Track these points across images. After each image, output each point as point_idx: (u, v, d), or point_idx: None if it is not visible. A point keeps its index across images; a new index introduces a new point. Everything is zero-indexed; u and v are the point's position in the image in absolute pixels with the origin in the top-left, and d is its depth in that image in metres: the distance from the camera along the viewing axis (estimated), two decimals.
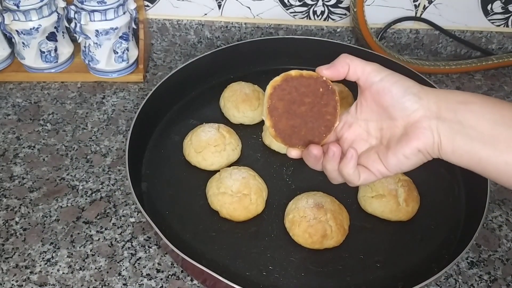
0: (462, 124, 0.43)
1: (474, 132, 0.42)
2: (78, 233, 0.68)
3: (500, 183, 0.44)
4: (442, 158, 0.46)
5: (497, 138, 0.42)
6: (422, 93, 0.45)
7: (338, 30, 1.00)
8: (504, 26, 1.01)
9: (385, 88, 0.46)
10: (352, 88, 0.77)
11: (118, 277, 0.63)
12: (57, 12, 0.87)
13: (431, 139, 0.44)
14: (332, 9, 0.98)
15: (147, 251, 0.66)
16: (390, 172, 0.48)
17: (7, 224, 0.68)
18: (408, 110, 0.45)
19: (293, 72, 0.48)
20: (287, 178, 0.75)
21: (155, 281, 0.63)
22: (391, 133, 0.48)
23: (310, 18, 0.99)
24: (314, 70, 0.49)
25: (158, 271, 0.64)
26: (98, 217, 0.70)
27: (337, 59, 0.49)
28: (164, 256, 0.66)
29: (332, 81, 0.49)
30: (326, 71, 0.49)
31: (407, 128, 0.46)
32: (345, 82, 0.50)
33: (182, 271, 0.64)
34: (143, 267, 0.64)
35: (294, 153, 0.52)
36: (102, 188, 0.74)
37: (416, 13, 0.98)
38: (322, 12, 0.98)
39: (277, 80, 0.48)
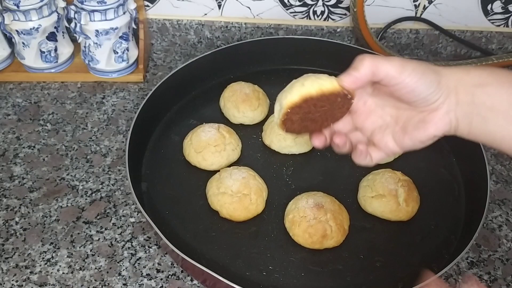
0: (479, 107, 0.44)
1: (490, 114, 0.44)
2: (78, 233, 0.68)
3: None
4: (457, 135, 0.47)
5: (511, 119, 0.43)
6: (443, 82, 0.45)
7: (338, 30, 1.00)
8: (504, 26, 1.01)
9: (408, 87, 0.45)
10: None
11: (118, 277, 0.63)
12: (57, 12, 0.87)
13: (449, 125, 0.46)
14: (332, 9, 0.98)
15: (147, 251, 0.66)
16: (401, 152, 0.50)
17: (7, 224, 0.68)
18: (430, 101, 0.46)
19: (313, 91, 0.46)
20: (287, 178, 0.75)
21: (155, 281, 0.63)
22: (408, 117, 0.48)
23: (310, 18, 0.99)
24: (314, 71, 0.49)
25: (158, 271, 0.64)
26: (98, 217, 0.70)
27: (360, 67, 0.46)
28: (164, 256, 0.66)
29: None
30: (350, 84, 0.46)
31: (426, 115, 0.46)
32: None
33: (182, 271, 0.64)
34: (143, 267, 0.64)
35: (317, 142, 0.52)
36: (102, 188, 0.74)
37: (416, 13, 0.98)
38: (322, 12, 0.98)
39: (295, 101, 0.47)
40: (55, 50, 0.89)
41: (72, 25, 0.85)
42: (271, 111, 0.84)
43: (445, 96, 0.45)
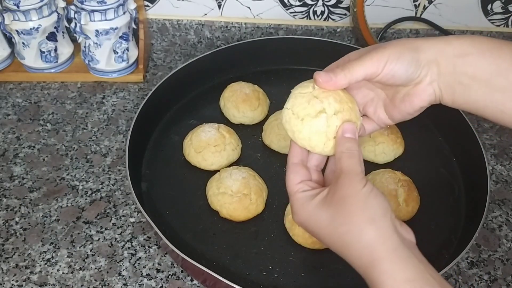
0: (461, 76, 0.45)
1: (473, 83, 0.44)
2: (78, 233, 0.68)
3: (498, 123, 0.47)
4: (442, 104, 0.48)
5: (493, 87, 0.44)
6: (422, 57, 0.45)
7: (338, 30, 1.00)
8: (504, 26, 1.01)
9: (388, 74, 0.45)
10: None
11: (118, 277, 0.63)
12: (57, 12, 0.87)
13: (433, 96, 0.46)
14: (332, 9, 0.98)
15: (147, 251, 0.66)
16: (393, 123, 0.51)
17: (7, 224, 0.68)
18: (412, 78, 0.46)
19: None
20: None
21: (155, 281, 0.63)
22: (395, 91, 0.49)
23: (310, 18, 0.99)
24: (314, 71, 0.48)
25: (158, 271, 0.64)
26: (98, 217, 0.70)
27: (336, 68, 0.47)
28: (164, 256, 0.66)
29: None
30: (322, 83, 0.46)
31: (410, 89, 0.47)
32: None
33: (182, 271, 0.64)
34: (143, 267, 0.64)
35: None
36: (102, 188, 0.74)
37: (416, 13, 0.98)
38: (322, 12, 0.98)
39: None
40: (55, 50, 0.89)
41: (72, 25, 0.85)
42: (271, 111, 0.84)
43: (426, 69, 0.46)
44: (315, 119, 0.45)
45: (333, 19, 0.99)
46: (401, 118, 0.50)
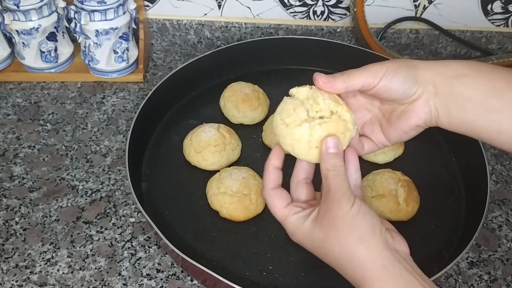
0: (457, 96, 0.45)
1: (469, 103, 0.45)
2: (78, 233, 0.68)
3: (495, 146, 0.47)
4: (439, 127, 0.48)
5: (489, 108, 0.44)
6: (419, 75, 0.47)
7: (338, 30, 1.00)
8: (504, 26, 1.01)
9: (385, 86, 0.46)
10: None
11: (118, 277, 0.63)
12: (57, 12, 0.87)
13: (429, 114, 0.47)
14: (332, 9, 0.98)
15: (147, 251, 0.66)
16: (390, 143, 0.51)
17: (7, 224, 0.68)
18: (408, 95, 0.47)
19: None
20: (287, 178, 0.74)
21: (155, 281, 0.63)
22: (392, 109, 0.50)
23: (310, 18, 0.99)
24: (314, 71, 0.49)
25: (158, 271, 0.64)
26: (98, 217, 0.70)
27: (337, 73, 0.48)
28: (164, 256, 0.66)
29: None
30: (322, 84, 0.47)
31: (407, 106, 0.48)
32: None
33: (182, 271, 0.64)
34: (143, 267, 0.64)
35: None
36: (102, 188, 0.74)
37: (416, 13, 0.98)
38: (322, 12, 0.98)
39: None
40: (55, 50, 0.89)
41: (72, 25, 0.85)
42: (271, 111, 0.84)
43: (422, 87, 0.46)
44: (298, 127, 0.45)
45: (333, 19, 0.99)
46: (397, 138, 0.50)
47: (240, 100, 0.81)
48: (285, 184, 0.74)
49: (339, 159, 0.45)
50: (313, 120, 0.45)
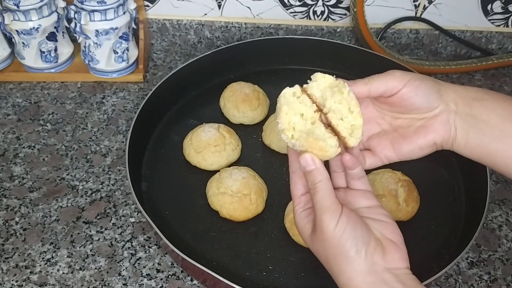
0: (476, 118, 0.45)
1: (486, 126, 0.45)
2: (78, 233, 0.68)
3: (508, 176, 0.47)
4: (454, 151, 0.48)
5: (506, 133, 0.45)
6: (442, 90, 0.47)
7: (338, 30, 1.00)
8: (504, 26, 1.01)
9: (411, 92, 0.46)
10: None
11: (118, 277, 0.63)
12: (57, 12, 0.87)
13: (448, 133, 0.47)
14: (332, 9, 0.98)
15: (147, 251, 0.66)
16: (397, 159, 0.50)
17: (7, 224, 0.68)
18: (430, 108, 0.47)
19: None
20: (287, 178, 0.74)
21: (155, 281, 0.63)
22: (408, 123, 0.48)
23: (310, 18, 0.99)
24: (314, 71, 0.48)
25: (158, 271, 0.64)
26: (98, 217, 0.70)
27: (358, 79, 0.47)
28: (164, 256, 0.66)
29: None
30: (359, 91, 0.46)
31: (426, 121, 0.47)
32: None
33: (182, 271, 0.64)
34: (143, 267, 0.64)
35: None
36: (102, 188, 0.74)
37: (416, 13, 0.98)
38: (322, 12, 0.98)
39: None
40: (55, 50, 0.89)
41: (72, 25, 0.85)
42: (271, 111, 0.84)
43: (445, 104, 0.46)
44: (282, 134, 0.45)
45: (333, 19, 0.99)
46: (409, 153, 0.49)
47: (240, 100, 0.81)
48: (284, 183, 0.74)
49: (317, 174, 0.44)
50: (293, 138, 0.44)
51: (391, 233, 0.45)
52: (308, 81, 0.46)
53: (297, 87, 0.46)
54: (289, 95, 0.45)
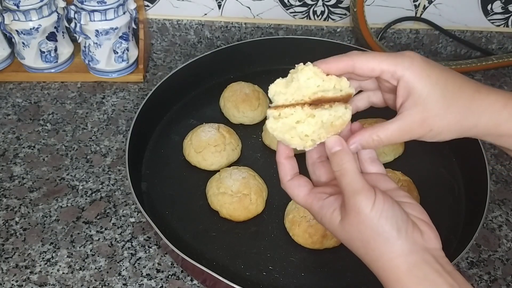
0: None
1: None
2: (78, 233, 0.68)
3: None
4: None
5: None
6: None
7: (338, 30, 1.00)
8: (504, 26, 1.01)
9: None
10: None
11: (118, 277, 0.63)
12: (57, 12, 0.87)
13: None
14: (332, 9, 0.98)
15: (147, 251, 0.66)
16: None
17: (7, 224, 0.68)
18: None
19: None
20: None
21: (155, 281, 0.63)
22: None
23: (310, 18, 0.99)
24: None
25: (158, 271, 0.64)
26: (98, 217, 0.70)
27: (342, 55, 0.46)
28: (164, 256, 0.66)
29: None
30: (322, 65, 0.46)
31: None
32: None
33: (182, 271, 0.64)
34: (143, 267, 0.64)
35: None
36: (102, 188, 0.74)
37: (416, 13, 0.98)
38: (322, 12, 0.98)
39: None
40: (55, 50, 0.90)
41: (72, 25, 0.85)
42: None
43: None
44: (306, 149, 0.45)
45: (333, 19, 0.99)
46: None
47: (240, 100, 0.81)
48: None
49: (342, 156, 0.42)
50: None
51: (421, 214, 0.43)
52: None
53: (270, 112, 0.45)
54: (273, 124, 0.44)
